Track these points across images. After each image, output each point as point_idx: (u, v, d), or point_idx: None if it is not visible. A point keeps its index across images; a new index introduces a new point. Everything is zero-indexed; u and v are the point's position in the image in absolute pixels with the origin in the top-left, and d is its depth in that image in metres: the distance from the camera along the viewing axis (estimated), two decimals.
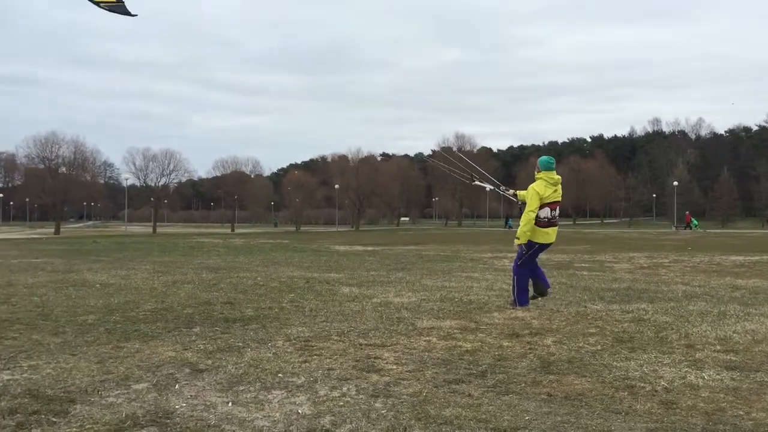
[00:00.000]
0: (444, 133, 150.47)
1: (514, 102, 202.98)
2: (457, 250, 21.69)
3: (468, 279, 11.47)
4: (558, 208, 7.68)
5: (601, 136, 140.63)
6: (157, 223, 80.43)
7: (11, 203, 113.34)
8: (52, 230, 68.19)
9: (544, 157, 7.78)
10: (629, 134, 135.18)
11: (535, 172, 7.74)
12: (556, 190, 7.61)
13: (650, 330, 6.31)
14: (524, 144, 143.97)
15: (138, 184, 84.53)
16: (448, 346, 5.56)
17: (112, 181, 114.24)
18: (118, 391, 4.14)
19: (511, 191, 8.46)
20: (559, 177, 7.67)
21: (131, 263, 15.58)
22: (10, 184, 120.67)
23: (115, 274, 12.30)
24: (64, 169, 74.48)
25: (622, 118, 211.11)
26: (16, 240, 39.28)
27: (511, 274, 8.04)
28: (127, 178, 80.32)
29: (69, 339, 5.77)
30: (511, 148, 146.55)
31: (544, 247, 7.79)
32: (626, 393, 4.17)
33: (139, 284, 10.35)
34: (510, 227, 77.61)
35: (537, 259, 7.97)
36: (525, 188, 7.97)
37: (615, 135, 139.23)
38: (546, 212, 7.54)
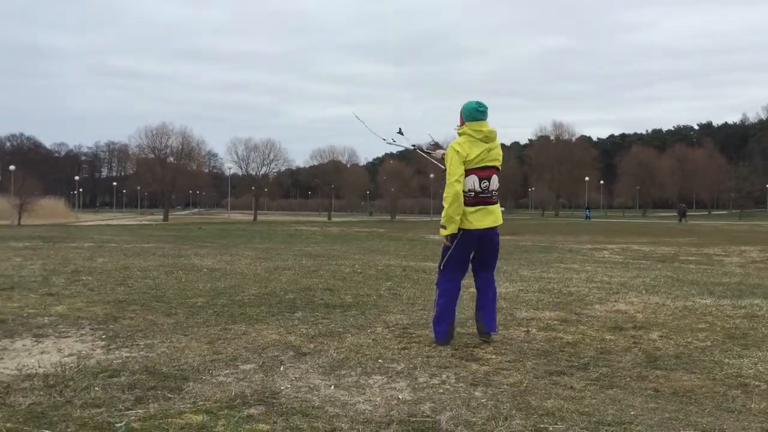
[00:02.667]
0: (541, 122, 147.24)
1: (617, 89, 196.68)
2: (554, 241, 21.26)
3: (567, 270, 11.23)
4: (496, 178, 5.12)
5: (709, 124, 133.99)
6: (258, 211, 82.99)
7: (124, 191, 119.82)
8: (161, 217, 71.66)
9: (469, 102, 5.14)
10: (741, 121, 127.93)
11: (458, 128, 5.23)
12: (489, 150, 5.04)
13: (765, 327, 5.99)
14: (626, 132, 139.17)
15: (240, 173, 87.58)
16: (547, 338, 5.48)
17: (215, 170, 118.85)
18: (227, 371, 4.32)
19: (440, 152, 5.51)
20: (493, 130, 5.07)
21: (235, 249, 16.17)
22: (122, 173, 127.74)
23: (220, 259, 12.80)
24: (172, 158, 78.02)
25: (732, 105, 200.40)
26: (129, 226, 41.54)
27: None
28: (230, 168, 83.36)
29: (181, 320, 6.07)
30: (611, 136, 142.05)
31: (474, 238, 5.07)
32: (739, 391, 3.99)
33: (243, 269, 10.74)
34: (589, 217, 74.68)
35: (493, 275, 5.40)
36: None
37: (725, 122, 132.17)
38: (473, 182, 4.99)
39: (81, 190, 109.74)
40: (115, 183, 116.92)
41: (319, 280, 9.37)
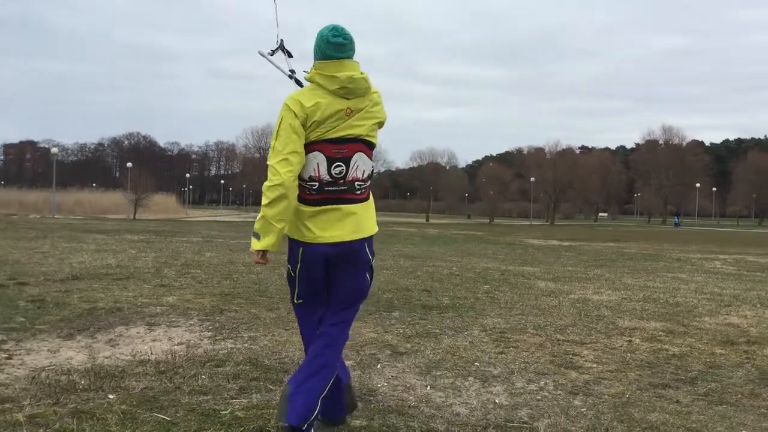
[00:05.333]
0: (650, 125, 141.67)
1: (734, 92, 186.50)
2: (661, 249, 20.42)
3: (674, 280, 10.77)
4: (365, 158, 3.06)
5: None
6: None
7: (230, 189, 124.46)
8: None
9: (322, 30, 3.01)
10: None
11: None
12: (351, 111, 2.98)
13: None
14: (742, 137, 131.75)
15: None
16: (652, 349, 5.28)
17: None
18: None
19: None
20: (360, 76, 2.97)
21: None
22: (229, 171, 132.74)
23: None
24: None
25: None
26: (234, 222, 43.06)
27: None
28: None
29: (282, 315, 6.25)
30: (726, 141, 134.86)
31: (319, 259, 3.01)
32: None
33: None
34: (678, 225, 70.47)
35: (345, 327, 3.15)
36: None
37: None
38: (316, 164, 2.96)
39: (191, 187, 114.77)
40: (222, 181, 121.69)
41: (416, 280, 9.41)
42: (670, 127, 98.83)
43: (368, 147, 3.07)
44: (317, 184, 2.97)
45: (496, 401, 3.77)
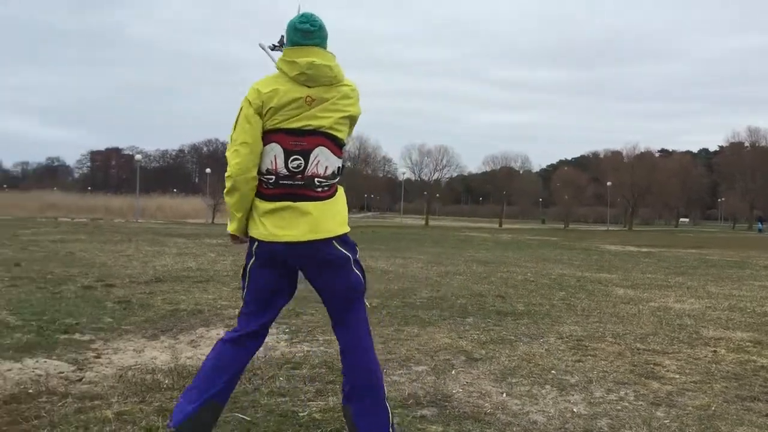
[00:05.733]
0: (734, 128, 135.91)
1: None
2: (747, 256, 19.56)
3: (762, 288, 10.29)
4: (327, 153, 2.84)
5: None
6: (429, 216, 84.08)
7: None
8: None
9: (292, 18, 2.89)
10: None
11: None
12: (312, 101, 2.80)
13: None
14: None
15: (413, 178, 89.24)
16: (739, 360, 5.06)
17: (390, 175, 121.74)
18: (401, 371, 4.44)
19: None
20: (323, 63, 2.80)
21: (407, 253, 16.50)
22: None
23: (393, 262, 13.13)
24: (349, 163, 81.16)
25: None
26: None
27: None
28: (404, 173, 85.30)
29: None
30: None
31: (274, 256, 2.85)
32: None
33: (415, 273, 10.94)
34: (761, 231, 66.71)
35: (364, 330, 3.03)
36: None
37: None
38: (273, 156, 2.81)
39: None
40: None
41: (490, 286, 9.33)
42: (757, 129, 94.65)
43: (333, 142, 2.85)
44: (274, 177, 2.82)
45: (574, 410, 3.70)
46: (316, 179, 2.82)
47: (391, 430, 2.91)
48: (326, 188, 2.85)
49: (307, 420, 3.35)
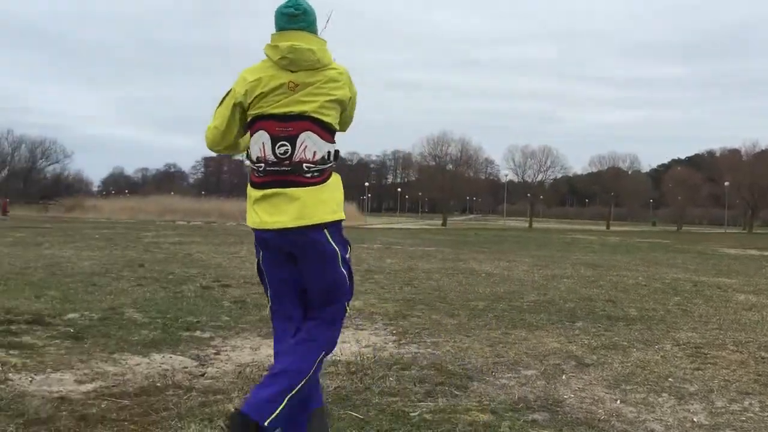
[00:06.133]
0: None
1: None
2: None
3: None
4: (315, 138, 2.76)
5: None
6: (533, 218, 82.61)
7: (406, 196, 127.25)
8: (440, 222, 74.68)
9: (280, 4, 2.86)
10: None
11: None
12: (295, 86, 2.75)
13: None
14: None
15: (516, 180, 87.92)
16: None
17: (492, 177, 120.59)
18: (509, 375, 4.41)
19: None
20: (306, 47, 2.74)
21: (511, 255, 16.31)
22: (405, 179, 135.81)
23: (497, 265, 13.02)
24: (451, 165, 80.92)
25: None
26: (410, 229, 44.03)
27: None
28: (506, 174, 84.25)
29: (463, 321, 6.32)
30: None
31: (266, 245, 2.84)
32: None
33: (521, 276, 10.80)
34: None
35: (319, 326, 2.84)
36: None
37: None
38: (262, 143, 2.79)
39: (369, 195, 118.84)
40: (399, 189, 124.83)
41: (599, 290, 9.09)
42: None
43: (321, 127, 2.78)
44: (263, 165, 2.78)
45: (695, 420, 3.56)
46: (304, 165, 2.75)
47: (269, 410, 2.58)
48: (316, 174, 2.77)
49: (418, 420, 3.40)
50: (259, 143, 2.78)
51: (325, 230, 2.76)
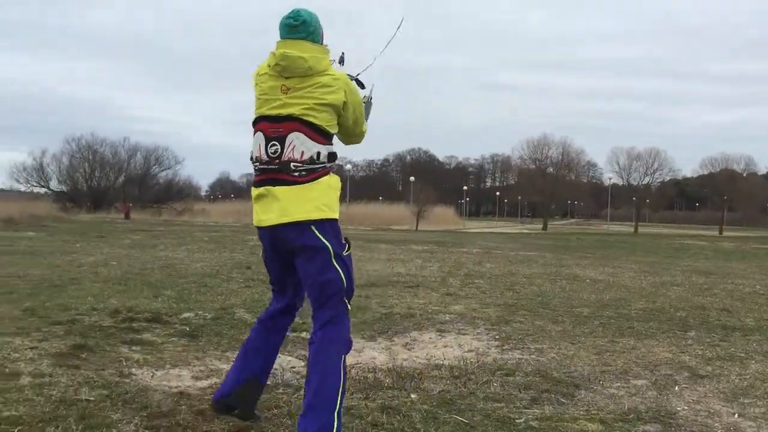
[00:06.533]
0: None
1: None
2: None
3: None
4: (303, 138, 2.92)
5: None
6: (638, 223, 79.66)
7: (505, 200, 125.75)
8: (540, 226, 73.32)
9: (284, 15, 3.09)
10: None
11: None
12: (287, 90, 2.95)
13: None
14: None
15: (620, 183, 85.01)
16: None
17: (594, 181, 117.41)
18: (618, 384, 4.29)
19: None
20: (301, 56, 2.92)
21: (616, 261, 15.81)
22: (504, 183, 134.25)
23: (602, 271, 12.65)
24: (551, 169, 79.31)
25: None
26: (510, 234, 43.43)
27: None
28: (610, 178, 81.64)
29: (567, 328, 6.19)
30: None
31: (265, 242, 3.10)
32: None
33: (627, 282, 10.45)
34: None
35: (328, 329, 2.97)
36: None
37: None
38: (258, 144, 3.01)
39: (467, 199, 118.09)
40: (497, 192, 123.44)
41: (713, 299, 8.67)
42: None
43: (310, 128, 2.93)
44: (258, 164, 3.00)
45: None
46: (291, 164, 2.91)
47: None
48: (304, 173, 2.91)
49: (525, 427, 3.37)
50: (257, 143, 3.02)
51: (313, 227, 2.90)
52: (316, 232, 2.90)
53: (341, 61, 3.22)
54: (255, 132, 3.04)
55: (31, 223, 24.28)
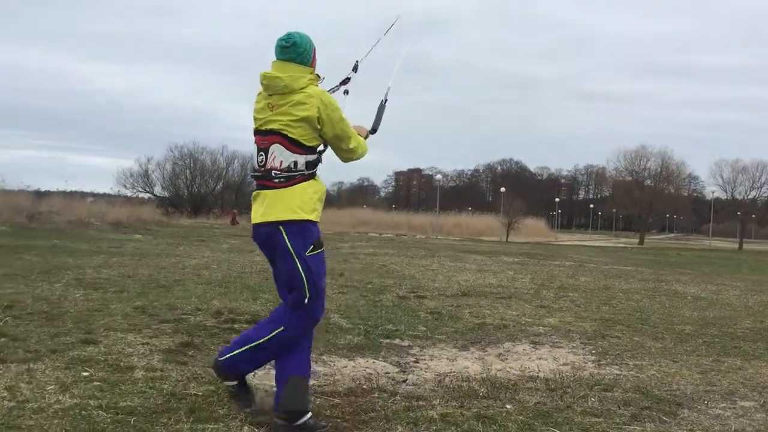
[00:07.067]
0: None
1: None
2: None
3: None
4: (281, 149, 3.29)
5: None
6: (744, 239, 75.70)
7: (599, 213, 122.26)
8: (636, 240, 70.86)
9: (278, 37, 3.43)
10: None
11: None
12: (272, 107, 3.32)
13: None
14: None
15: (724, 197, 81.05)
16: None
17: (696, 194, 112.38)
18: (724, 405, 4.13)
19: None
20: (277, 75, 3.28)
21: (719, 279, 15.12)
22: (598, 195, 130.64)
23: (704, 288, 12.13)
24: (649, 181, 76.54)
25: None
26: (604, 247, 42.21)
27: None
28: (713, 191, 77.99)
29: (668, 345, 5.99)
30: None
31: (257, 239, 3.45)
32: None
33: (732, 301, 9.99)
34: None
35: (287, 315, 3.41)
36: None
37: None
38: (255, 155, 3.46)
39: (559, 211, 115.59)
40: (591, 205, 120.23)
41: None
42: None
43: (288, 141, 3.28)
44: (253, 171, 3.45)
45: None
46: (273, 171, 3.31)
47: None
48: (282, 179, 3.30)
49: None
50: (254, 154, 3.46)
51: (281, 227, 3.28)
52: (283, 232, 3.28)
53: (354, 69, 3.73)
54: (254, 144, 3.47)
55: (137, 227, 25.54)
